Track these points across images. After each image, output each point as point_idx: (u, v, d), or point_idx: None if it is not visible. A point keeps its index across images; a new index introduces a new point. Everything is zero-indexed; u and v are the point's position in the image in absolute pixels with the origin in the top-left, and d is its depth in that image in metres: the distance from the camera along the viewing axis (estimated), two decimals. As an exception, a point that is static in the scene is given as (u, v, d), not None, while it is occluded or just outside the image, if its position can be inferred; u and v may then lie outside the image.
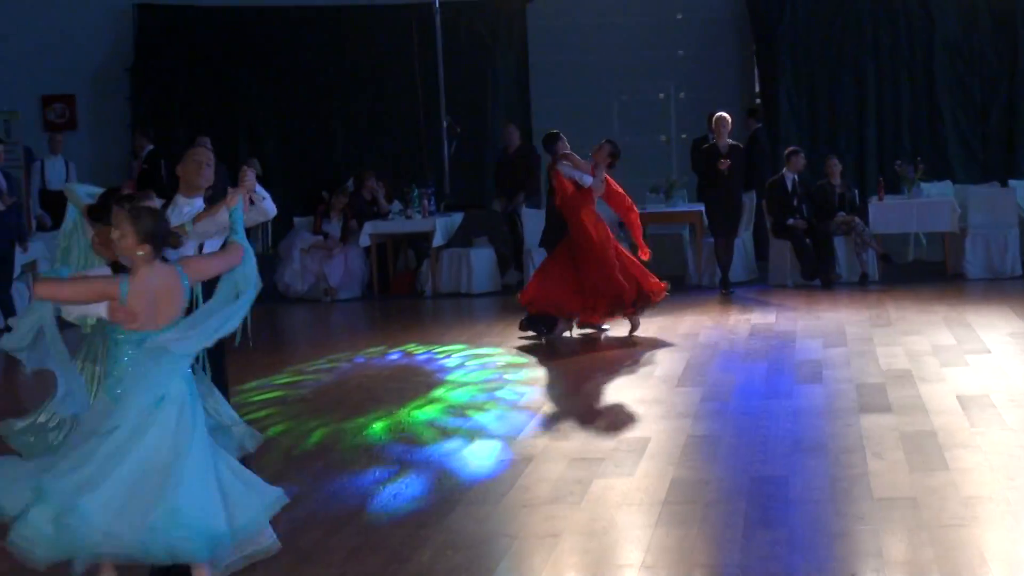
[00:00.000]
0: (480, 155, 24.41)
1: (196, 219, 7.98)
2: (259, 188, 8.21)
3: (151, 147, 20.77)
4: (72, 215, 8.17)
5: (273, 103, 25.04)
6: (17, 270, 16.97)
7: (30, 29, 25.30)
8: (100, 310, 6.56)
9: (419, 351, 14.72)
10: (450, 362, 13.98)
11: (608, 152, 15.37)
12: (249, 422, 7.96)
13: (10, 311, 16.68)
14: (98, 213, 7.69)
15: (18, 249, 16.81)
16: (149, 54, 25.37)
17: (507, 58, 24.87)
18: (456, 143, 22.29)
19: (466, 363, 13.87)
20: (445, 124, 22.18)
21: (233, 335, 7.03)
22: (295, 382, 13.30)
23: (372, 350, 14.98)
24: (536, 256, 18.74)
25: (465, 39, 24.44)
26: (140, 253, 6.46)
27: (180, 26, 25.36)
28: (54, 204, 20.36)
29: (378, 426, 11.07)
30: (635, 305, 14.83)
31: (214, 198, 8.40)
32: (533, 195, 20.12)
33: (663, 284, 14.96)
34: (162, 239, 6.53)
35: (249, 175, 8.05)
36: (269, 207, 8.36)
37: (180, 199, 8.39)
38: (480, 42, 24.69)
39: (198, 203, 8.35)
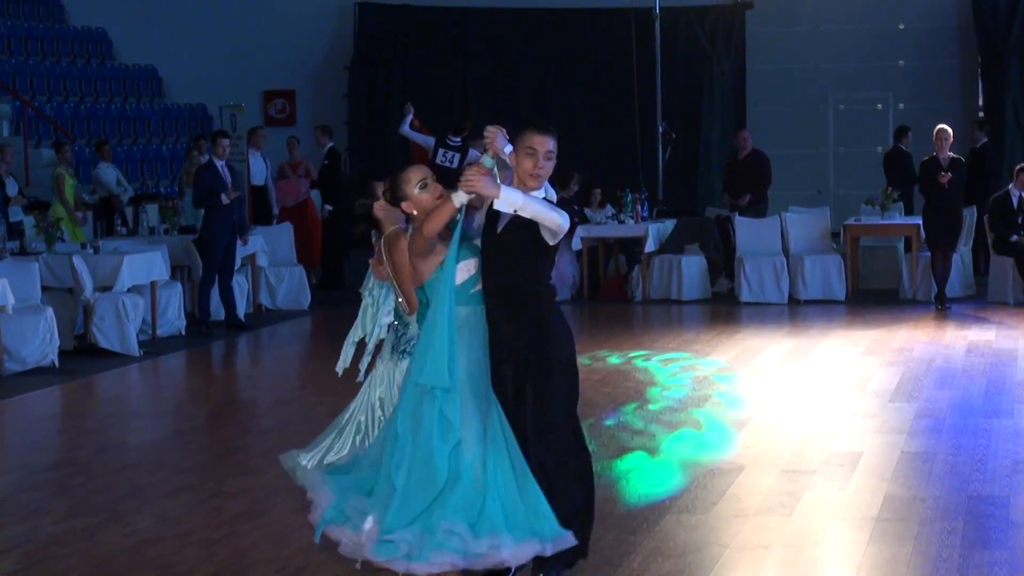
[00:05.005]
0: (694, 161, 24.32)
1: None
2: (509, 147, 6.81)
3: (331, 144, 21.12)
4: None
5: (488, 104, 25.24)
6: (237, 262, 17.33)
7: (255, 25, 25.94)
8: None
9: (629, 356, 14.68)
10: (659, 368, 13.92)
11: None
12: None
13: (232, 304, 17.04)
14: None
15: (238, 242, 17.15)
16: (368, 52, 25.78)
17: (724, 64, 24.76)
18: (671, 149, 22.22)
19: (675, 370, 13.80)
20: (660, 130, 22.12)
21: None
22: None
23: (580, 355, 14.97)
24: (747, 264, 18.58)
25: (683, 45, 24.38)
26: None
27: (399, 25, 25.75)
28: (256, 200, 20.75)
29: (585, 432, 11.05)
30: None
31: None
32: (761, 201, 19.93)
33: None
34: None
35: (499, 136, 6.81)
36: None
37: None
38: (698, 48, 24.61)
39: None
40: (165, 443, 11.35)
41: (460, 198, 6.55)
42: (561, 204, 6.88)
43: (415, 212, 6.88)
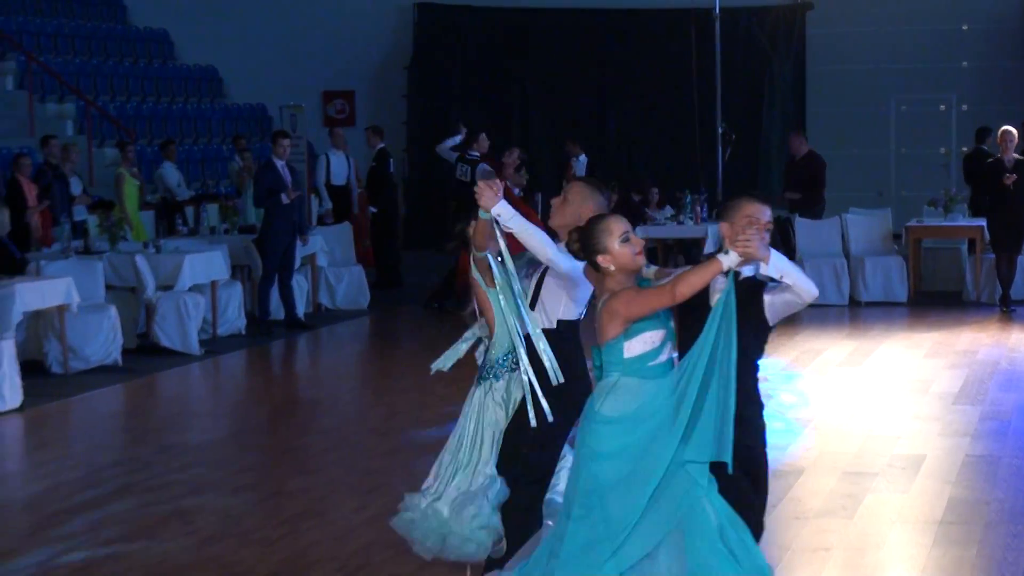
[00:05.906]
0: (753, 163, 24.23)
1: None
2: (501, 204, 6.32)
3: (382, 145, 21.02)
4: None
5: (548, 104, 25.23)
6: (297, 262, 17.36)
7: (315, 26, 26.01)
8: None
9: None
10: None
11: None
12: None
13: (291, 304, 17.07)
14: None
15: (298, 242, 17.18)
16: (427, 52, 25.83)
17: (784, 65, 24.66)
18: (730, 150, 22.10)
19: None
20: (720, 130, 22.00)
21: None
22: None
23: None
24: (807, 265, 18.47)
25: (743, 46, 24.29)
26: None
27: (458, 25, 25.78)
28: (337, 199, 20.87)
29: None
30: None
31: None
32: (816, 204, 19.68)
33: None
34: None
35: (487, 193, 6.31)
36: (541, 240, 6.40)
37: None
38: (758, 49, 24.52)
39: None
40: (225, 442, 11.40)
41: (730, 260, 5.70)
42: (629, 206, 6.74)
43: (612, 268, 5.88)
